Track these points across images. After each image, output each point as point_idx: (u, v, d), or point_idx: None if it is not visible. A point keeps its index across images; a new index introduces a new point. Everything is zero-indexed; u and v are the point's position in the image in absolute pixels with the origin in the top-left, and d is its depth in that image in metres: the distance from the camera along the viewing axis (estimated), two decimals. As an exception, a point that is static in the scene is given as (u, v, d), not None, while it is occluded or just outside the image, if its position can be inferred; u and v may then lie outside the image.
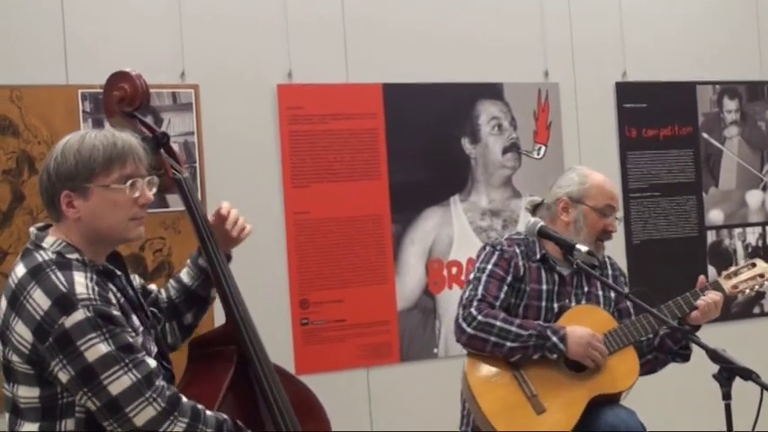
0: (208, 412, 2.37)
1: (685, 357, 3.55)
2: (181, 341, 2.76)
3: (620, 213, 3.59)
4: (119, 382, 2.22)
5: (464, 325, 3.39)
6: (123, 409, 2.22)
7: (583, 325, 3.41)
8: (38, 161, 4.08)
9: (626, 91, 5.30)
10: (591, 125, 5.22)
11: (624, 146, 5.29)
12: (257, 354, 2.60)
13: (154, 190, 2.42)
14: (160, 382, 2.31)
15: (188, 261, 2.78)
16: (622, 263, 4.98)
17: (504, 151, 5.03)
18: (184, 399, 2.33)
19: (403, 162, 4.82)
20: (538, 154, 5.07)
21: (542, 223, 3.40)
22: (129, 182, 2.32)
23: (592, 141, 5.20)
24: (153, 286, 2.76)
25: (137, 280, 2.65)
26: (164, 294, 2.76)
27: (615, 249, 4.67)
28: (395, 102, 4.81)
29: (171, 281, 2.79)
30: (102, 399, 2.22)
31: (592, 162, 4.61)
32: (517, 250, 3.53)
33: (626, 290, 3.59)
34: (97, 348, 2.21)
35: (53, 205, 2.36)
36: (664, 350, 3.54)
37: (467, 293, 3.46)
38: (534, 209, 3.68)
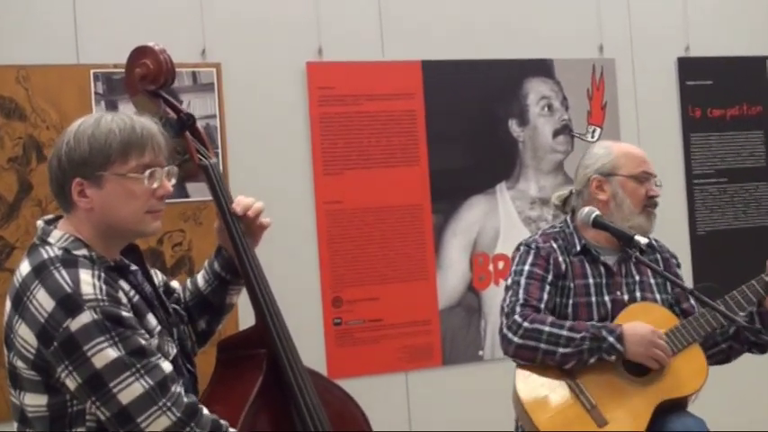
0: (231, 430, 2.36)
1: (762, 348, 3.50)
2: (198, 347, 2.74)
3: (659, 179, 3.54)
4: (129, 390, 2.22)
5: (509, 335, 3.37)
6: (135, 419, 2.22)
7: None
8: (46, 147, 4.09)
9: (689, 67, 5.29)
10: (650, 105, 5.21)
11: (687, 127, 5.27)
12: (290, 359, 2.59)
13: (173, 181, 2.42)
14: (176, 389, 2.30)
15: (205, 263, 2.77)
16: (686, 255, 5.05)
17: (555, 134, 5.03)
18: (205, 410, 2.33)
19: (444, 146, 4.83)
20: (592, 137, 5.06)
21: (597, 212, 3.40)
22: (148, 171, 2.32)
23: (652, 123, 5.19)
24: (176, 284, 2.76)
25: (158, 276, 2.66)
26: (182, 294, 2.76)
27: (678, 241, 4.71)
28: (435, 80, 4.81)
29: (189, 280, 2.79)
30: (112, 408, 2.23)
31: (652, 145, 4.58)
32: (554, 245, 3.51)
33: (679, 271, 3.61)
34: (105, 353, 2.21)
35: (63, 194, 2.36)
36: (739, 340, 3.50)
37: (507, 300, 3.45)
38: (563, 203, 3.68)
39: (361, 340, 4.66)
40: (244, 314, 2.79)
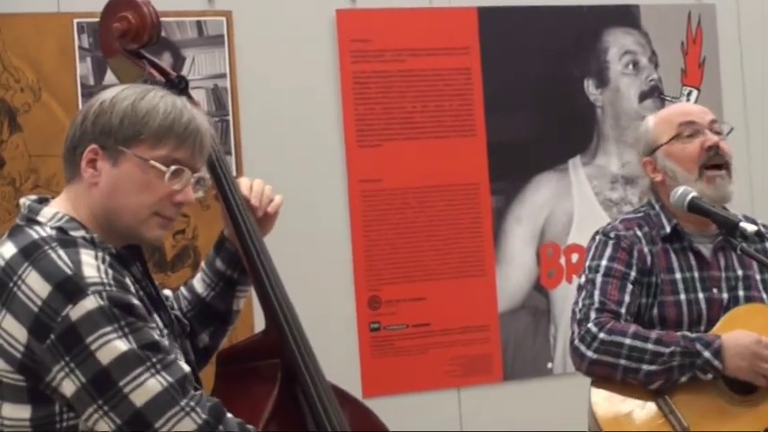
0: None
1: None
2: (199, 366, 2.73)
3: (725, 126, 3.58)
4: (144, 389, 2.22)
5: (582, 348, 3.35)
6: (152, 423, 2.23)
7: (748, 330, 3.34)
8: (21, 114, 4.12)
9: (807, 14, 5.28)
10: (759, 61, 5.20)
11: (804, 88, 5.27)
12: (309, 370, 2.60)
13: (200, 193, 2.43)
14: (197, 391, 2.33)
15: (202, 264, 2.80)
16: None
17: (642, 97, 5.01)
18: (229, 413, 2.35)
19: (505, 113, 4.81)
20: (687, 100, 5.02)
21: (694, 193, 3.35)
22: (174, 167, 2.34)
23: (761, 83, 5.17)
24: (168, 292, 2.76)
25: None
26: (176, 304, 2.78)
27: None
28: (495, 31, 4.80)
29: (182, 289, 2.81)
30: (124, 413, 2.22)
31: (762, 109, 4.84)
32: (638, 233, 3.49)
33: None
34: (113, 346, 2.21)
35: (72, 158, 2.38)
36: None
37: (580, 304, 3.43)
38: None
39: (404, 349, 4.64)
40: (259, 317, 2.76)
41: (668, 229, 3.45)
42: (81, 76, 4.20)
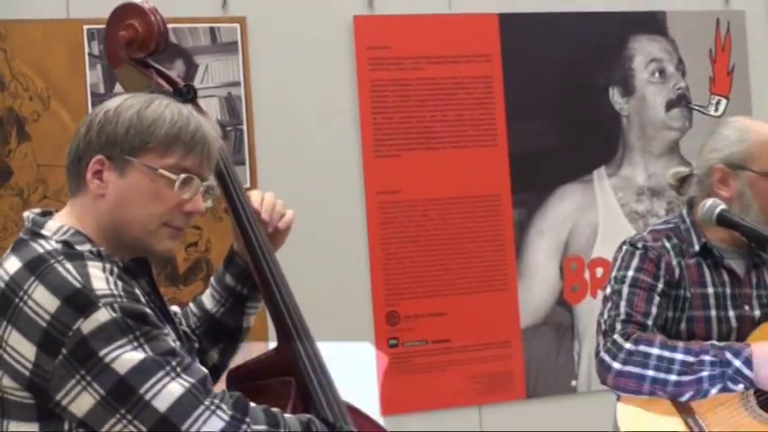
0: (286, 414, 2.39)
1: None
2: None
3: None
4: (166, 393, 2.22)
5: (608, 359, 3.31)
6: (179, 426, 2.21)
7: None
8: (30, 123, 4.13)
9: (840, 22, 5.28)
10: None
11: (839, 99, 5.23)
12: (323, 388, 2.54)
13: (209, 203, 2.44)
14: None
15: (212, 279, 2.78)
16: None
17: (669, 106, 5.01)
18: (252, 402, 2.35)
19: (528, 122, 4.82)
20: (716, 110, 5.05)
21: (723, 206, 3.31)
22: (183, 175, 2.33)
23: None
24: (176, 308, 2.74)
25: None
26: (184, 321, 2.75)
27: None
28: (516, 38, 4.80)
29: (191, 305, 2.79)
30: (149, 419, 2.21)
31: None
32: (667, 244, 3.45)
33: None
34: (130, 356, 2.21)
35: (77, 170, 2.36)
36: None
37: (605, 315, 3.39)
38: (680, 183, 3.60)
39: (424, 366, 4.64)
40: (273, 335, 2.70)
41: (697, 248, 3.43)
42: (91, 84, 4.21)
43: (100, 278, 2.24)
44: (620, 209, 4.91)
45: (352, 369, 3.69)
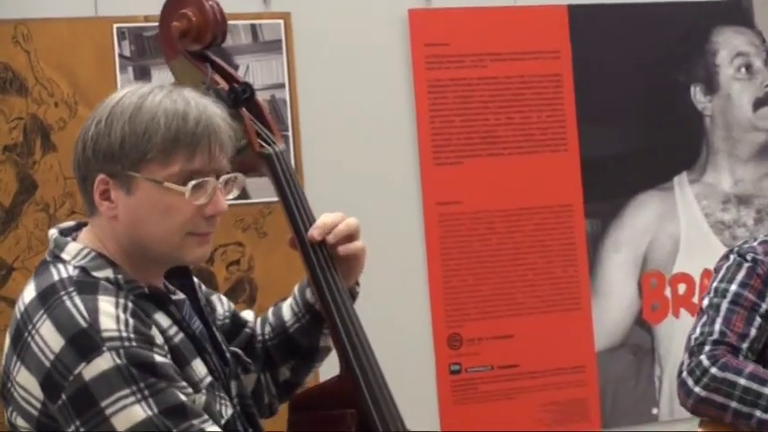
0: None
1: None
2: (278, 401, 2.76)
3: None
4: None
5: (690, 382, 3.30)
6: None
7: None
8: (56, 131, 4.09)
9: None
10: None
11: None
12: (389, 422, 2.52)
13: (234, 193, 2.42)
14: None
15: (295, 287, 2.76)
16: None
17: (757, 105, 4.93)
18: None
19: (601, 124, 4.76)
20: None
21: None
22: (192, 183, 2.30)
23: None
24: (249, 314, 2.77)
25: (223, 302, 2.70)
26: (259, 329, 2.76)
27: None
28: (588, 32, 4.76)
29: (271, 310, 2.78)
30: None
31: None
32: None
33: None
34: (131, 412, 2.17)
35: (85, 190, 2.35)
36: None
37: (697, 330, 3.38)
38: None
39: (489, 394, 4.58)
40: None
41: None
42: (122, 88, 4.11)
43: (110, 316, 2.22)
44: (703, 219, 4.83)
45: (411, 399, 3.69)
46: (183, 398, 2.23)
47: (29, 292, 2.29)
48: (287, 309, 2.75)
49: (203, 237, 2.36)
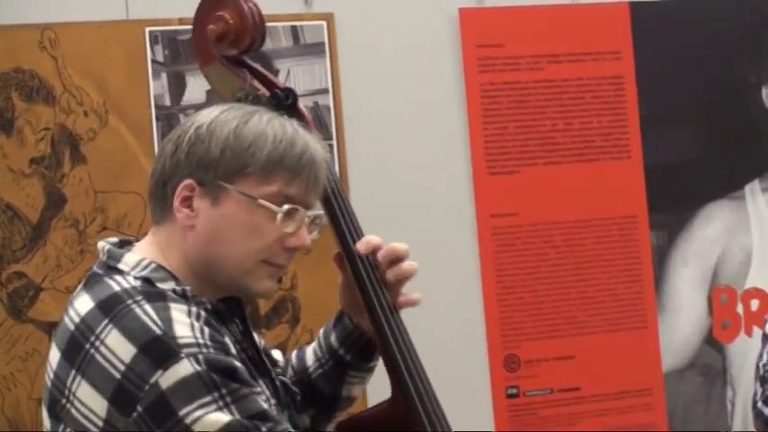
0: None
1: None
2: None
3: None
4: None
5: (765, 411, 3.32)
6: None
7: None
8: (85, 142, 4.09)
9: None
10: None
11: None
12: None
13: (315, 235, 2.42)
14: None
15: (320, 332, 2.75)
16: None
17: None
18: None
19: (666, 129, 4.71)
20: None
21: None
22: (287, 206, 2.31)
23: None
24: (278, 355, 2.73)
25: (257, 340, 2.68)
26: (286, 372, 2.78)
27: None
28: (651, 31, 4.71)
29: (295, 353, 2.78)
30: None
31: None
32: None
33: None
34: (214, 418, 2.17)
35: (162, 195, 2.36)
36: None
37: (765, 358, 3.42)
38: None
39: (549, 419, 4.55)
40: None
41: None
42: (155, 95, 4.19)
43: (184, 323, 2.23)
44: (778, 230, 4.75)
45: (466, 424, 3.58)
46: (265, 405, 2.23)
47: (83, 305, 2.28)
48: (310, 353, 2.74)
49: (277, 269, 2.36)
